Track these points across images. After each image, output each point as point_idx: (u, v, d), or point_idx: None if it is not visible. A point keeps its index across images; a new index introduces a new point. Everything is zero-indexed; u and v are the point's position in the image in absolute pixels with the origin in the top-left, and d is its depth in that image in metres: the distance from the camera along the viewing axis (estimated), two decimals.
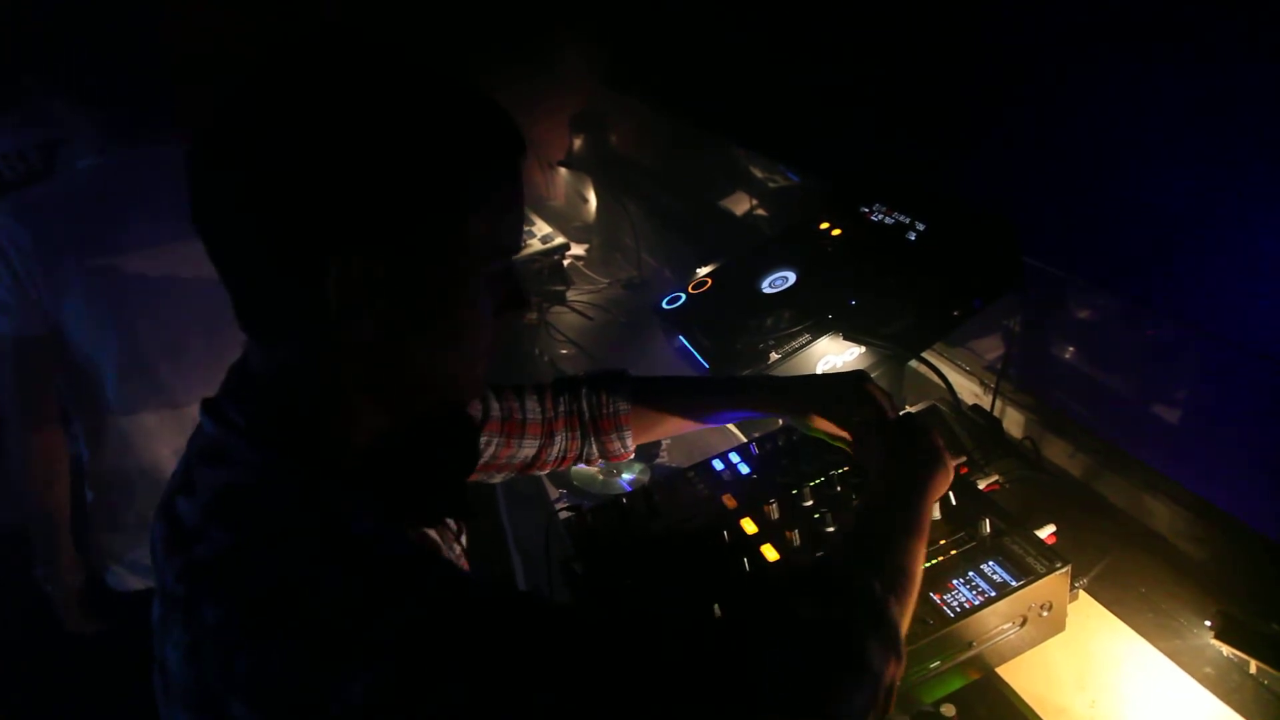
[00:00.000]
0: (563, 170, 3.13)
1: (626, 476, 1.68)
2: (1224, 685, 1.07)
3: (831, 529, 1.12)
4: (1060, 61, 1.38)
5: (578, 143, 2.94)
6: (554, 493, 1.66)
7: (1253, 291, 1.15)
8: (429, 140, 0.73)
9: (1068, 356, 1.63)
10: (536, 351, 2.30)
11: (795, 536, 1.11)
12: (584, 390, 1.26)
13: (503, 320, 0.84)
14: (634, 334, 2.31)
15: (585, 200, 3.10)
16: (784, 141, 2.16)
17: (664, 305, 1.76)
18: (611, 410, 1.25)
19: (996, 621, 1.00)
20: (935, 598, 1.00)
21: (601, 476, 1.69)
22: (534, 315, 2.43)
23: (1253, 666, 1.07)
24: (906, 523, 0.92)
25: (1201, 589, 1.20)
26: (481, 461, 1.20)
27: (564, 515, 1.29)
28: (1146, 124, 1.27)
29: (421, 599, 0.68)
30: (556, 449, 1.26)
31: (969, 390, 1.68)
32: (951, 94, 1.63)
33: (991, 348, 1.73)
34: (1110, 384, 1.56)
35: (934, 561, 1.05)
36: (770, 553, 1.11)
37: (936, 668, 0.99)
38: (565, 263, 2.68)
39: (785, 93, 2.13)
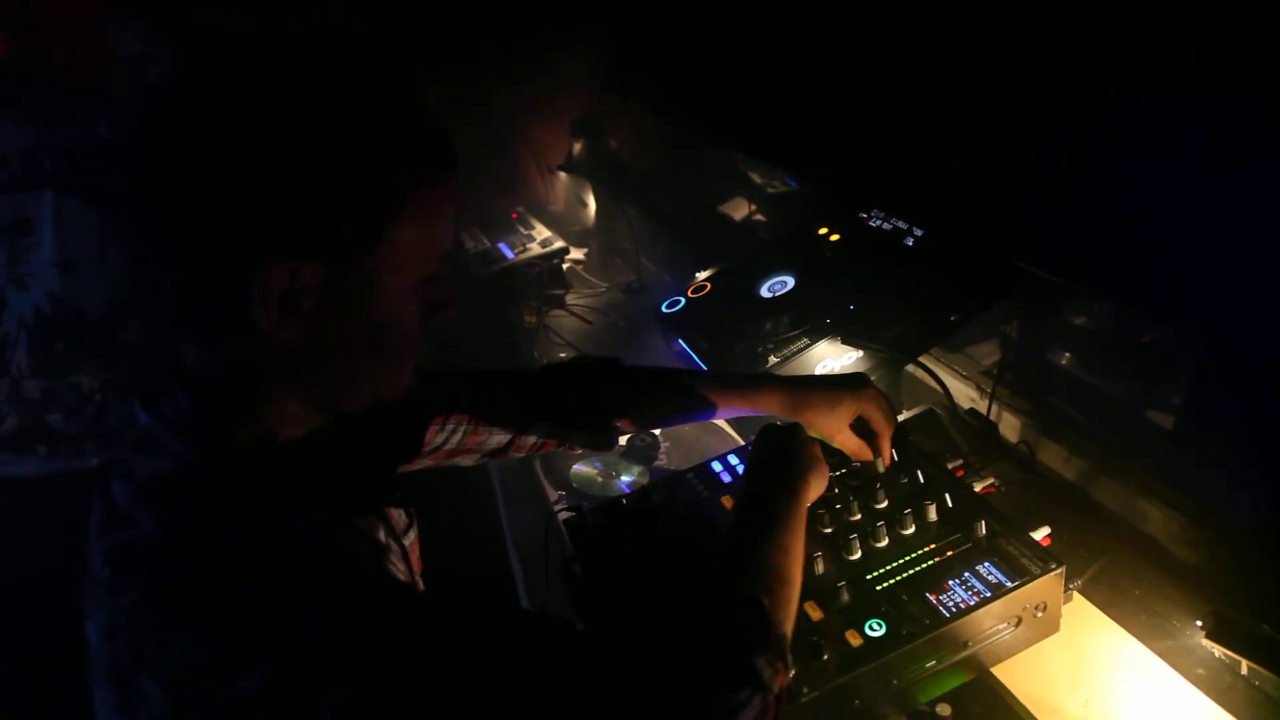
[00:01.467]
0: (562, 175, 3.15)
1: (625, 478, 1.70)
2: (1216, 686, 1.08)
3: (829, 530, 1.14)
4: (1057, 66, 1.40)
5: (577, 147, 2.96)
6: (553, 494, 1.67)
7: (1247, 297, 1.17)
8: (357, 150, 0.74)
9: (1063, 362, 1.65)
10: (535, 355, 2.31)
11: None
12: (572, 379, 1.26)
13: (429, 321, 0.86)
14: (633, 338, 2.32)
15: (584, 204, 3.11)
16: (783, 147, 2.18)
17: (663, 309, 1.77)
18: (603, 402, 1.24)
19: (992, 622, 1.01)
20: (931, 598, 1.01)
21: (600, 478, 1.70)
22: (534, 318, 2.45)
23: (1244, 667, 1.08)
24: (774, 524, 0.94)
25: (1194, 591, 1.21)
26: (448, 448, 1.20)
27: (563, 516, 1.30)
28: (1143, 128, 1.28)
29: (329, 601, 0.69)
30: (533, 437, 1.26)
31: (965, 394, 1.70)
32: (949, 100, 1.64)
33: (988, 352, 1.74)
34: (1105, 389, 1.58)
35: (931, 562, 1.06)
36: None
37: (932, 667, 1.00)
38: (564, 267, 2.70)
39: (784, 98, 2.14)
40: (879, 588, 1.04)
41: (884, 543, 1.09)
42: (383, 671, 0.67)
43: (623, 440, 1.74)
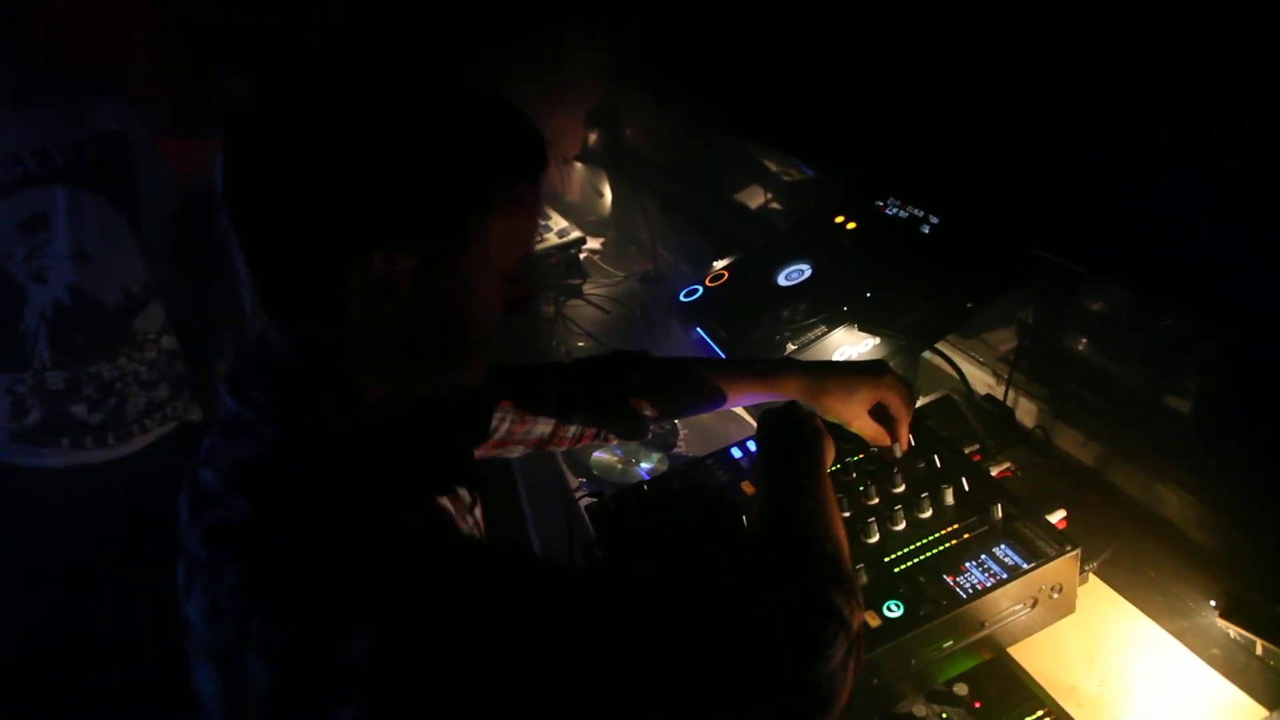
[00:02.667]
0: (578, 165, 3.16)
1: (645, 465, 1.72)
2: (1230, 665, 1.10)
3: (847, 514, 1.15)
4: (1074, 52, 1.40)
5: (592, 137, 2.97)
6: (574, 481, 1.70)
7: (1263, 282, 1.17)
8: (453, 146, 0.77)
9: (1080, 348, 1.66)
10: (554, 344, 2.33)
11: None
12: (605, 370, 1.28)
13: (510, 316, 0.88)
14: (650, 327, 2.34)
15: (600, 194, 3.12)
16: (799, 135, 2.18)
17: (681, 298, 1.79)
18: (631, 391, 1.26)
19: (1008, 603, 1.03)
20: (948, 579, 1.03)
21: (620, 465, 1.72)
22: (551, 308, 2.47)
23: (1259, 647, 1.09)
24: (808, 482, 1.00)
25: (1209, 573, 1.23)
26: (496, 438, 1.23)
27: (585, 502, 1.32)
28: (1160, 113, 1.28)
29: (421, 567, 0.72)
30: (573, 428, 1.28)
31: (982, 380, 1.71)
32: (965, 87, 1.65)
33: (1004, 339, 1.75)
34: (1121, 374, 1.59)
35: (948, 545, 1.08)
36: None
37: (949, 648, 1.02)
38: (581, 256, 2.71)
39: (800, 86, 2.15)
40: (897, 570, 1.06)
41: (901, 526, 1.11)
42: (483, 634, 0.69)
43: None
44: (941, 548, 1.08)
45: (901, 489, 1.17)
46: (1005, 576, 1.02)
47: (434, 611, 0.69)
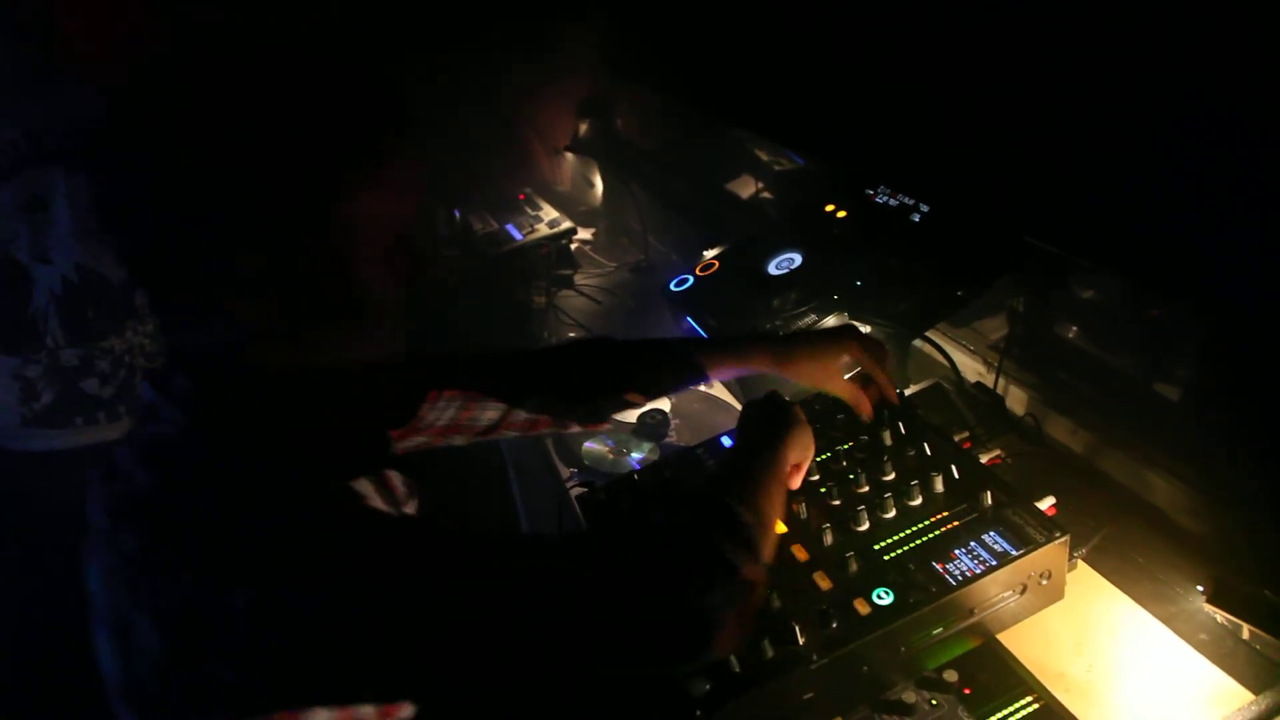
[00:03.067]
0: (568, 155, 3.15)
1: (636, 455, 1.72)
2: (1218, 650, 1.10)
3: (837, 502, 1.16)
4: (1062, 38, 1.40)
5: (583, 127, 2.96)
6: (565, 471, 1.70)
7: (1253, 270, 1.18)
8: (295, 130, 0.78)
9: (1070, 335, 1.66)
10: (545, 335, 2.33)
11: (802, 509, 1.14)
12: (565, 356, 1.29)
13: (413, 283, 0.89)
14: (642, 317, 2.34)
15: (591, 185, 3.12)
16: (789, 124, 2.18)
17: (672, 288, 1.79)
18: (592, 377, 1.27)
19: (997, 590, 1.03)
20: (938, 566, 1.03)
21: (611, 455, 1.72)
22: (543, 299, 2.46)
23: (1245, 631, 1.10)
24: (754, 468, 1.02)
25: (1197, 558, 1.23)
26: (440, 424, 1.23)
27: (576, 493, 1.33)
28: (1149, 100, 1.28)
29: (302, 525, 0.75)
30: (524, 414, 1.27)
31: (972, 368, 1.71)
32: (955, 73, 1.65)
33: (995, 327, 1.75)
34: (1111, 362, 1.59)
35: (937, 532, 1.08)
36: (778, 525, 1.14)
37: (939, 634, 1.02)
38: (572, 247, 2.71)
39: (790, 75, 2.14)
40: (887, 557, 1.06)
41: (891, 513, 1.12)
42: (361, 578, 0.74)
43: (633, 415, 1.77)
44: (931, 535, 1.08)
45: (891, 476, 1.18)
46: (994, 563, 1.02)
47: (298, 570, 0.73)
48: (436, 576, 0.77)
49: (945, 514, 1.10)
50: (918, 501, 1.12)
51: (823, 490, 1.17)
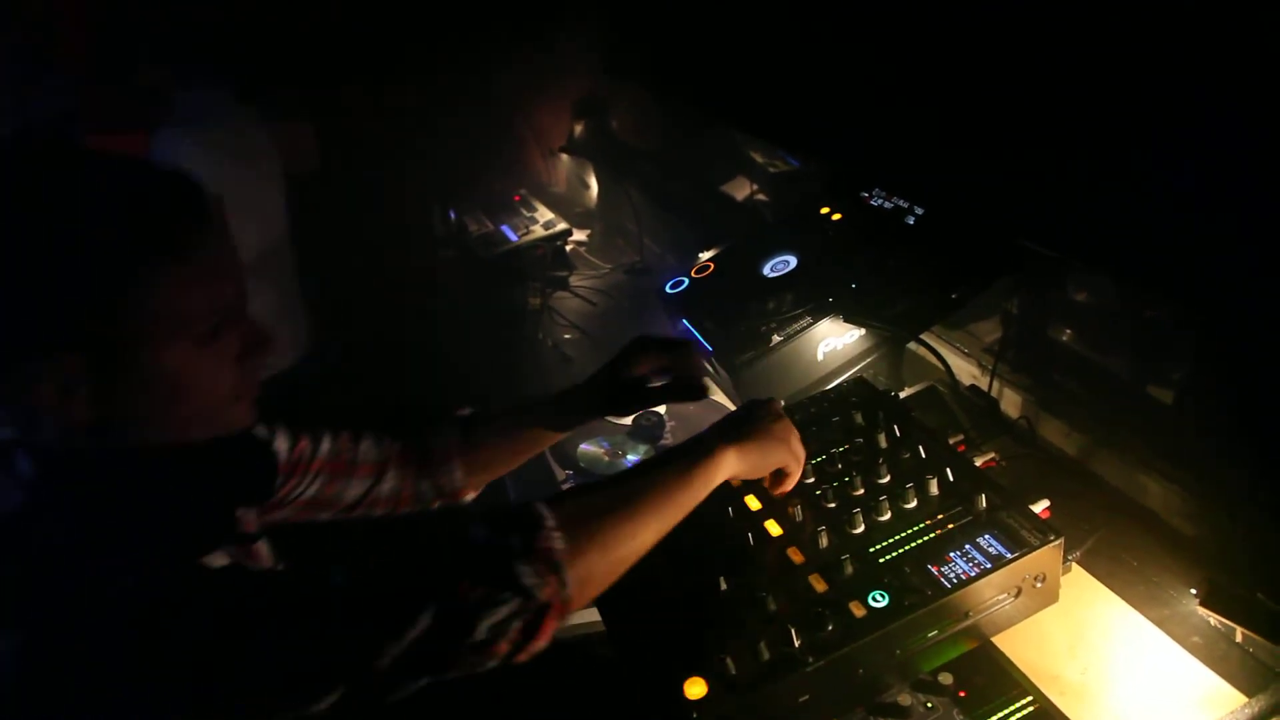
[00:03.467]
0: (564, 156, 3.15)
1: (631, 458, 1.72)
2: (1211, 653, 1.11)
3: (832, 504, 1.16)
4: (1058, 42, 1.40)
5: (578, 128, 2.96)
6: (560, 474, 1.70)
7: (1246, 272, 1.18)
8: (75, 239, 0.76)
9: (1064, 338, 1.67)
10: (540, 336, 2.33)
11: (798, 512, 1.14)
12: (418, 428, 1.27)
13: (247, 367, 0.88)
14: (636, 318, 2.34)
15: (586, 186, 3.12)
16: (784, 126, 2.18)
17: (667, 289, 1.79)
18: (441, 445, 1.25)
19: (992, 593, 1.03)
20: (933, 569, 1.03)
21: (607, 458, 1.72)
22: (537, 300, 2.46)
23: (1238, 634, 1.10)
24: (632, 483, 0.97)
25: (1191, 561, 1.24)
26: (305, 498, 1.20)
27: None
28: (1144, 103, 1.29)
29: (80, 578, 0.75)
30: (388, 487, 1.24)
31: (967, 371, 1.72)
32: (950, 78, 1.65)
33: (989, 329, 1.76)
34: (1105, 364, 1.60)
35: (932, 535, 1.08)
36: (774, 528, 1.14)
37: (934, 637, 1.02)
38: (567, 248, 2.71)
39: (786, 77, 2.15)
40: (881, 560, 1.07)
41: (886, 516, 1.12)
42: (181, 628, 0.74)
43: (628, 418, 1.77)
44: (926, 538, 1.08)
45: (886, 479, 1.18)
46: (989, 566, 1.02)
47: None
48: (242, 620, 0.76)
49: (940, 517, 1.10)
50: (912, 504, 1.12)
51: (818, 493, 1.17)
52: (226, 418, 0.89)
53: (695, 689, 0.95)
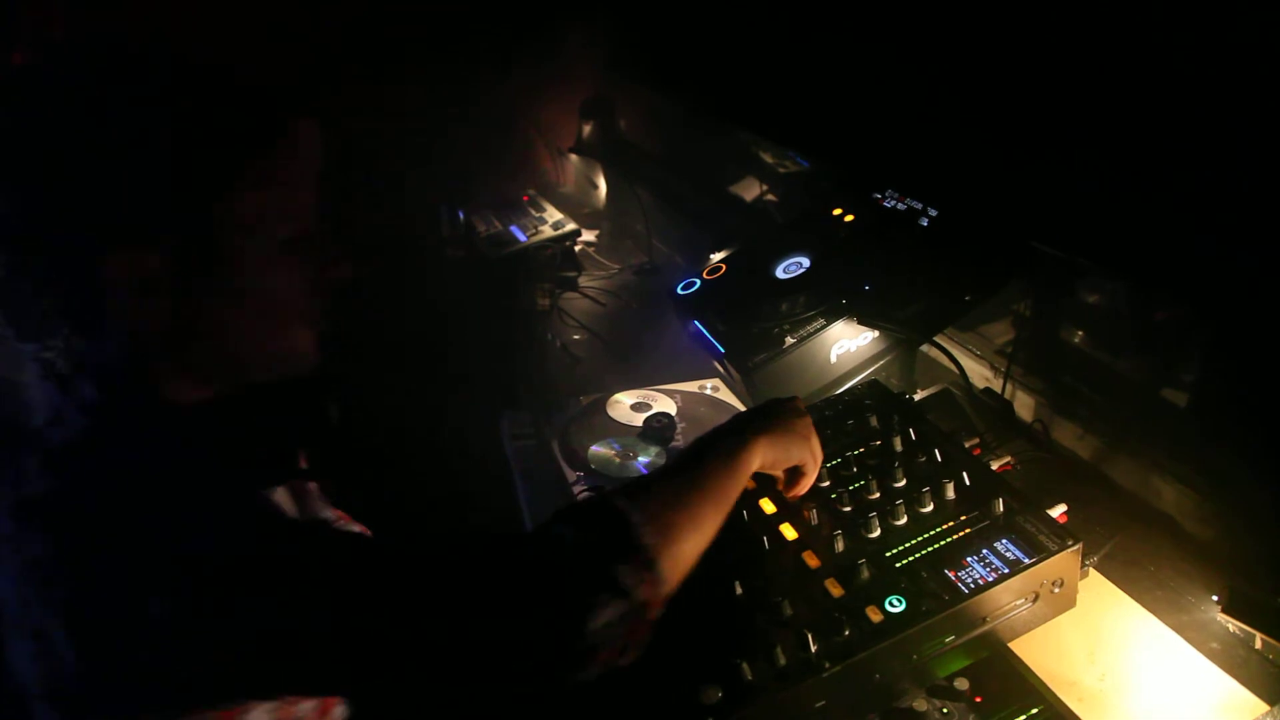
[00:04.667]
0: (573, 156, 3.15)
1: (643, 459, 1.71)
2: (1230, 659, 1.10)
3: (848, 508, 1.15)
4: (1071, 42, 1.40)
5: (587, 129, 2.96)
6: (571, 475, 1.69)
7: (1260, 273, 1.17)
8: (172, 136, 0.76)
9: (1077, 340, 1.66)
10: (549, 337, 2.33)
11: (813, 515, 1.14)
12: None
13: (324, 285, 0.87)
14: (646, 319, 2.33)
15: (595, 186, 3.12)
16: (794, 126, 2.18)
17: (679, 291, 1.78)
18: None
19: (1009, 598, 1.02)
20: (950, 574, 1.03)
21: (618, 459, 1.71)
22: (546, 301, 2.46)
23: (1258, 641, 1.09)
24: (689, 473, 0.97)
25: (1209, 566, 1.23)
26: None
27: (583, 497, 1.32)
28: (1157, 104, 1.28)
29: (221, 528, 0.74)
30: None
31: (980, 374, 1.71)
32: (962, 78, 1.64)
33: (1002, 331, 1.75)
34: (1119, 367, 1.59)
35: (949, 539, 1.07)
36: (789, 531, 1.14)
37: (951, 643, 1.02)
38: (576, 248, 2.71)
39: (796, 77, 2.14)
40: (898, 565, 1.06)
41: (903, 521, 1.11)
42: (277, 589, 0.72)
43: (639, 419, 1.76)
44: (943, 542, 1.07)
45: (903, 483, 1.17)
46: (1006, 571, 1.02)
47: (226, 571, 0.72)
48: (338, 589, 0.75)
49: (957, 521, 1.10)
50: (929, 508, 1.12)
51: (834, 496, 1.17)
52: (294, 341, 0.88)
53: (711, 695, 0.94)
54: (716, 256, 1.83)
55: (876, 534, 1.10)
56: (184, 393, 0.84)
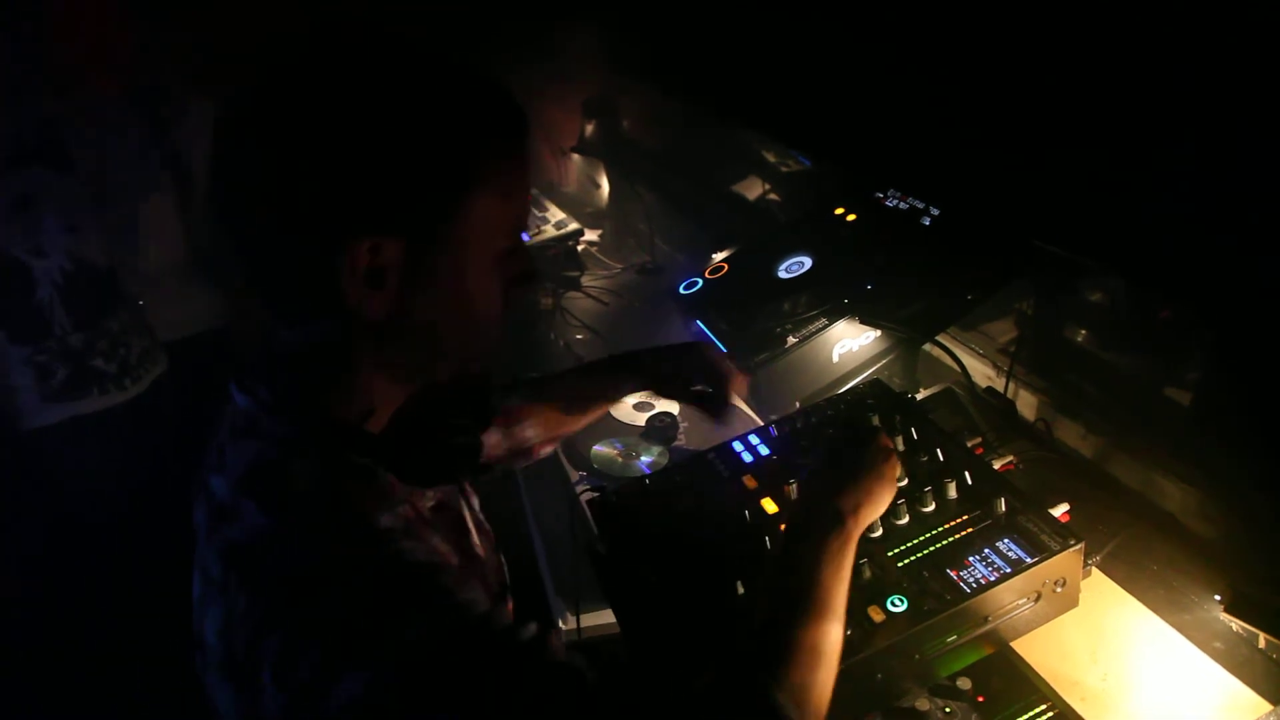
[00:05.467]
0: (575, 156, 3.15)
1: (645, 459, 1.72)
2: (1233, 659, 1.10)
3: None
4: (1072, 40, 1.39)
5: (589, 128, 2.96)
6: (574, 474, 1.69)
7: (1263, 272, 1.17)
8: (435, 125, 0.76)
9: (1080, 339, 1.65)
10: (552, 336, 2.33)
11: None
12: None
13: (513, 295, 0.87)
14: (648, 319, 2.34)
15: (598, 186, 3.11)
16: (797, 126, 2.18)
17: (681, 290, 1.79)
18: (514, 404, 1.27)
19: (1011, 597, 1.02)
20: (952, 574, 1.03)
21: (621, 459, 1.72)
22: (549, 300, 2.46)
23: (1262, 640, 1.09)
24: (803, 596, 0.87)
25: (1212, 566, 1.22)
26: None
27: (586, 497, 1.32)
28: (1160, 103, 1.28)
29: (424, 618, 0.71)
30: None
31: (982, 373, 1.71)
32: (964, 77, 1.64)
33: (1004, 330, 1.75)
34: (1122, 366, 1.59)
35: (951, 539, 1.07)
36: None
37: (953, 642, 1.02)
38: (579, 248, 2.71)
39: (798, 76, 2.14)
40: (900, 564, 1.06)
41: (905, 520, 1.11)
42: (463, 698, 0.69)
43: (642, 419, 1.76)
44: (945, 542, 1.07)
45: (905, 483, 1.17)
46: (1009, 571, 1.02)
47: (421, 670, 0.69)
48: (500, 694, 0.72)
49: (959, 520, 1.09)
50: (931, 508, 1.12)
51: None
52: (483, 349, 0.89)
53: None
54: (718, 256, 1.83)
55: (878, 533, 1.10)
56: (377, 392, 0.85)
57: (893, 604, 1.00)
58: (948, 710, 1.04)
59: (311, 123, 0.74)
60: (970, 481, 1.13)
